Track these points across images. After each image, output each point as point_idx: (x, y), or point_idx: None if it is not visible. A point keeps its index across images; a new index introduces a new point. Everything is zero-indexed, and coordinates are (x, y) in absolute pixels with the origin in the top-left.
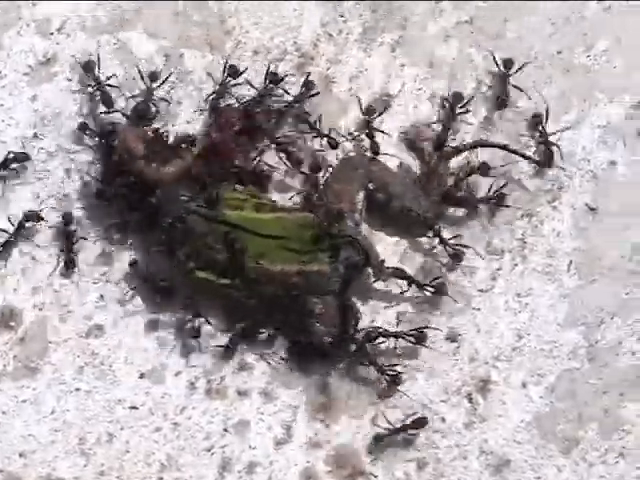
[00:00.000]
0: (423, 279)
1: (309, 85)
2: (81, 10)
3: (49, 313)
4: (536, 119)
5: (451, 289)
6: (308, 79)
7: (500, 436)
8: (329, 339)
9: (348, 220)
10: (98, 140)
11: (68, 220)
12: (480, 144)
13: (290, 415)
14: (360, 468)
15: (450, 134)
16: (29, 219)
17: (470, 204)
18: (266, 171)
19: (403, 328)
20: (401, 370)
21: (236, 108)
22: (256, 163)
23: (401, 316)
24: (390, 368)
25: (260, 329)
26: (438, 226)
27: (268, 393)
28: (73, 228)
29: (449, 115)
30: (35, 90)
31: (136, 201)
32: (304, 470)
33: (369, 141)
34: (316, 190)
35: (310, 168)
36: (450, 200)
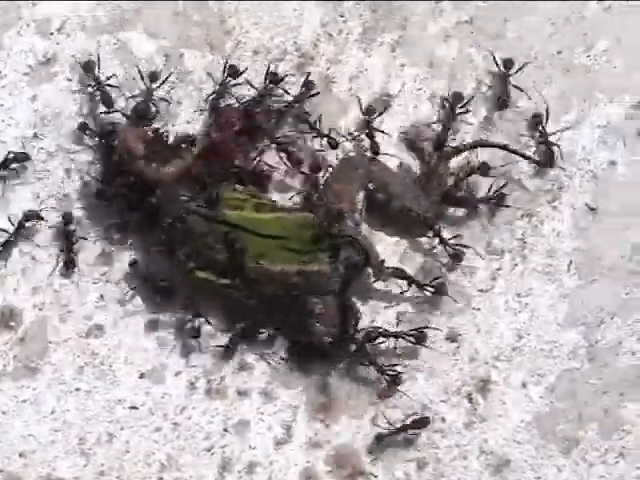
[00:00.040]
0: (423, 279)
1: (309, 85)
2: (81, 10)
3: (49, 313)
4: (536, 119)
5: (451, 289)
6: (308, 79)
7: (500, 436)
8: (329, 339)
9: (348, 220)
10: (98, 140)
11: (68, 220)
12: (480, 144)
13: (290, 415)
14: (360, 468)
15: (450, 134)
16: (29, 219)
17: (470, 204)
18: (266, 171)
19: (403, 328)
20: (401, 370)
21: (236, 108)
22: (256, 163)
23: (401, 316)
24: (390, 368)
25: (260, 329)
26: (438, 226)
27: (268, 393)
28: (73, 228)
29: (449, 115)
30: (35, 90)
31: (136, 201)
32: (304, 470)
33: (369, 141)
34: (316, 190)
35: (310, 168)
36: (450, 200)
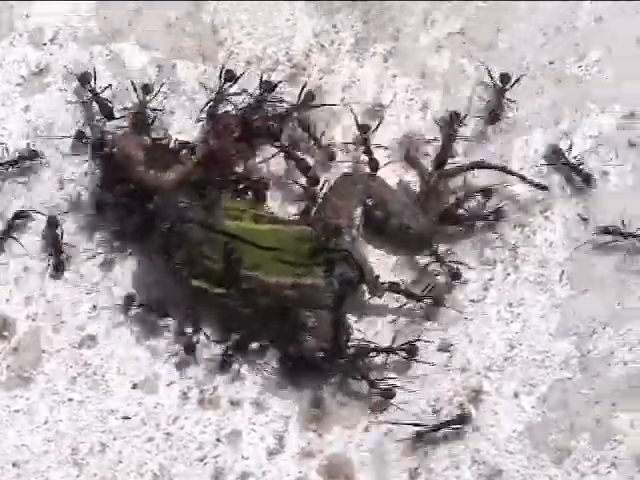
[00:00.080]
0: (420, 293)
1: (308, 96)
2: (73, 21)
3: (42, 323)
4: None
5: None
6: (310, 91)
7: (492, 446)
8: (321, 353)
9: (345, 235)
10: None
11: (53, 223)
12: (480, 166)
13: (282, 425)
14: (353, 478)
15: (450, 154)
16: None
17: (469, 222)
18: (264, 179)
19: (398, 339)
20: (393, 384)
21: (234, 115)
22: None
23: (396, 329)
24: (382, 382)
25: (255, 340)
26: (436, 245)
27: (260, 403)
28: (59, 232)
29: (448, 135)
30: (28, 101)
31: (135, 208)
32: None
33: (367, 158)
34: (314, 203)
35: (308, 181)
36: (449, 219)
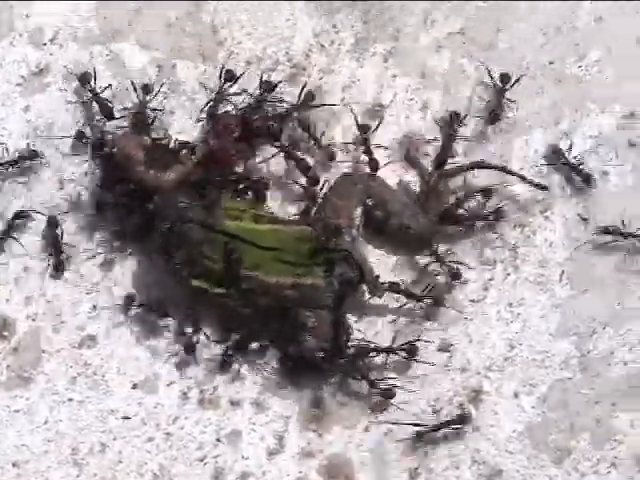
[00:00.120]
0: (420, 293)
1: (308, 96)
2: (73, 21)
3: (42, 323)
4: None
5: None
6: (310, 91)
7: (492, 446)
8: (321, 353)
9: (345, 235)
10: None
11: (53, 223)
12: (480, 166)
13: (282, 425)
14: (353, 478)
15: (450, 154)
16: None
17: (469, 222)
18: (264, 179)
19: (398, 339)
20: (393, 384)
21: (234, 115)
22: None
23: (395, 328)
24: (382, 382)
25: (255, 340)
26: (436, 245)
27: (260, 403)
28: (59, 232)
29: (448, 135)
30: (28, 101)
31: (135, 208)
32: None
33: (367, 158)
34: (314, 203)
35: (308, 181)
36: (449, 219)
